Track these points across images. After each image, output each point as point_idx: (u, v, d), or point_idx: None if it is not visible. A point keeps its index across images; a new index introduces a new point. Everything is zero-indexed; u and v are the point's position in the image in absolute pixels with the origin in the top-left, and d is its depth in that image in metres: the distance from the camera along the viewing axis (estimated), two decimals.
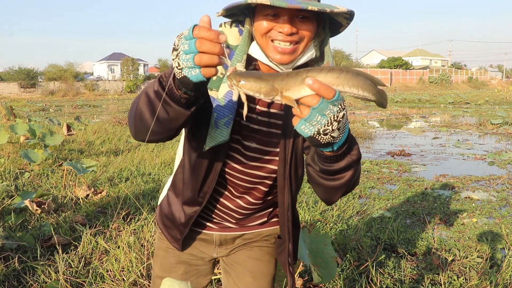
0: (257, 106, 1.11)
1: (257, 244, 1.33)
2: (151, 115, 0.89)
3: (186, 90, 0.84)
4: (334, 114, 0.79)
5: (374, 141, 9.62)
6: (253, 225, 1.31)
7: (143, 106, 0.91)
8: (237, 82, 0.81)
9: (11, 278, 2.64)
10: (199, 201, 1.20)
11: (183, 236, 1.26)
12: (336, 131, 0.82)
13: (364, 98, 0.84)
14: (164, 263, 1.35)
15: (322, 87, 0.77)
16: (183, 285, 1.08)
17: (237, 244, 1.33)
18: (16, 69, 44.04)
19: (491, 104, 22.45)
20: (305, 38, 1.00)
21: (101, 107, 23.65)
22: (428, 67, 68.78)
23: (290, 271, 1.24)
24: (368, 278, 2.72)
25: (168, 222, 1.30)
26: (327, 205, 1.20)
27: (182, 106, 0.86)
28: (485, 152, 7.95)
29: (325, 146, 0.86)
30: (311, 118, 0.79)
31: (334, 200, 1.05)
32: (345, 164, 0.92)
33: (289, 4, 0.88)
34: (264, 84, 0.80)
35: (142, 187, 4.84)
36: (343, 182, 0.96)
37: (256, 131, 1.12)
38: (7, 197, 4.21)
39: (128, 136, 9.66)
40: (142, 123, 0.92)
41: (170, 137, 0.97)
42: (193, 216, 1.22)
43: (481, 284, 2.64)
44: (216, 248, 1.32)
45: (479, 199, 4.77)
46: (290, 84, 0.80)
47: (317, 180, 1.00)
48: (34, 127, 7.07)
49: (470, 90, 49.20)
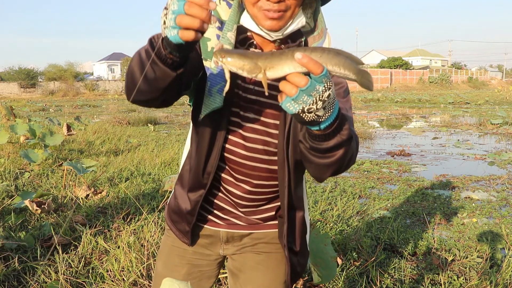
0: None
1: (265, 250, 1.29)
2: (140, 74, 0.93)
3: (171, 50, 0.86)
4: (319, 94, 0.82)
5: (374, 141, 9.62)
6: (260, 221, 1.27)
7: (134, 65, 0.95)
8: (222, 58, 0.84)
9: (11, 278, 2.65)
10: (204, 183, 1.19)
11: (191, 226, 1.24)
12: (321, 110, 0.85)
13: (346, 77, 0.86)
14: (167, 262, 1.34)
15: (311, 62, 0.80)
16: (183, 285, 1.08)
17: (244, 243, 1.29)
18: (16, 69, 44.07)
19: (491, 104, 22.45)
20: (292, 6, 1.03)
21: (101, 107, 23.65)
22: (428, 67, 68.77)
23: (286, 255, 1.23)
24: (368, 278, 2.72)
25: (175, 216, 1.29)
26: (318, 182, 1.20)
27: (168, 66, 0.89)
28: (485, 152, 7.95)
29: (311, 124, 0.89)
30: (298, 98, 0.82)
31: (324, 177, 1.07)
32: (335, 143, 0.94)
33: None
34: (248, 62, 0.83)
35: (142, 187, 4.84)
36: (333, 160, 0.98)
37: (254, 101, 1.13)
38: (7, 197, 4.21)
39: (128, 136, 9.66)
40: (133, 81, 0.96)
41: (157, 101, 1.00)
42: (198, 201, 1.21)
43: (481, 284, 2.64)
44: (223, 245, 1.29)
45: (479, 199, 4.77)
46: (273, 63, 0.83)
47: (307, 157, 1.01)
48: (34, 127, 7.07)
49: (470, 90, 49.20)
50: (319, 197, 4.54)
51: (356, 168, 6.40)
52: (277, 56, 0.83)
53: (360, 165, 6.60)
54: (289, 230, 1.23)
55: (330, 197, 4.66)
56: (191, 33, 0.80)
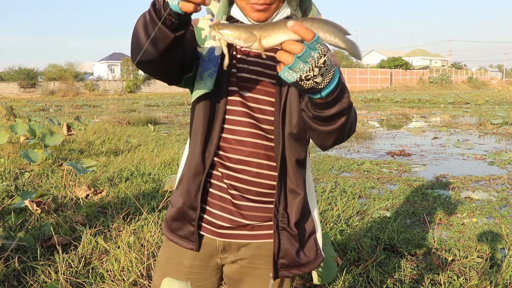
0: (247, 57, 1.17)
1: (263, 265, 1.23)
2: (144, 34, 0.96)
3: (170, 13, 0.90)
4: (315, 60, 0.85)
5: (374, 141, 9.62)
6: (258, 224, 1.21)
7: (139, 26, 0.98)
8: (218, 29, 0.89)
9: (11, 278, 2.64)
10: (203, 169, 1.17)
11: (195, 224, 1.20)
12: (319, 77, 0.88)
13: (336, 45, 0.91)
14: (163, 274, 1.28)
15: (302, 28, 0.84)
16: (183, 285, 1.08)
17: (242, 255, 1.24)
18: (16, 69, 44.08)
19: (491, 104, 22.45)
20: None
21: (101, 107, 23.65)
22: (428, 67, 68.77)
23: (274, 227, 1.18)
24: (368, 278, 2.72)
25: (176, 223, 1.24)
26: (322, 150, 1.19)
27: (167, 27, 0.92)
28: (485, 152, 7.95)
29: (311, 92, 0.92)
30: (295, 66, 0.85)
31: (328, 144, 1.10)
32: (336, 110, 0.97)
33: None
34: (244, 30, 0.88)
35: (142, 187, 4.84)
36: (336, 127, 1.01)
37: (248, 80, 1.16)
38: (7, 197, 4.21)
39: (128, 136, 9.66)
40: (137, 41, 0.99)
41: (160, 65, 1.03)
42: (199, 190, 1.18)
43: (481, 284, 2.64)
44: (220, 254, 1.25)
45: (479, 199, 4.77)
46: (268, 31, 0.88)
47: (310, 125, 1.05)
48: (34, 127, 7.06)
49: (470, 90, 49.20)
50: (319, 197, 4.54)
51: (356, 168, 6.40)
52: (271, 25, 0.88)
53: (360, 165, 6.60)
54: (284, 208, 1.18)
55: (330, 197, 4.66)
56: (191, 5, 0.85)
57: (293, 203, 1.19)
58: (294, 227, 1.19)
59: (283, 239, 1.18)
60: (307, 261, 1.23)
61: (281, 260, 1.19)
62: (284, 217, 1.19)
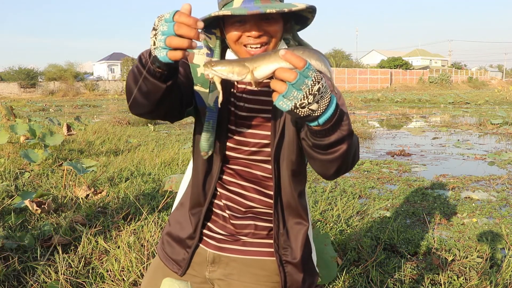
0: (243, 94, 1.17)
1: (253, 281, 1.22)
2: (136, 90, 0.98)
3: (158, 65, 0.90)
4: (309, 88, 0.85)
5: (374, 141, 9.62)
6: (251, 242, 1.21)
7: (130, 81, 1.00)
8: (211, 67, 0.90)
9: (11, 278, 2.64)
10: (203, 200, 1.21)
11: (190, 252, 1.23)
12: (314, 104, 0.87)
13: (325, 73, 0.95)
14: (150, 281, 1.31)
15: (293, 56, 0.84)
16: (183, 285, 1.08)
17: (231, 271, 1.22)
18: (16, 69, 44.07)
19: (491, 104, 22.45)
20: (274, 37, 1.08)
21: (101, 107, 23.65)
22: (428, 67, 68.77)
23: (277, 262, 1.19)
24: (368, 278, 2.72)
25: (170, 247, 1.27)
26: (325, 180, 1.23)
27: (158, 79, 0.93)
28: (485, 152, 7.95)
29: (309, 120, 0.91)
30: (289, 94, 0.85)
31: (330, 173, 1.07)
32: (336, 138, 0.95)
33: (249, 11, 0.97)
34: (236, 64, 0.89)
35: (142, 187, 4.84)
36: (337, 155, 0.99)
37: (246, 117, 1.16)
38: (7, 197, 4.21)
39: (128, 136, 9.67)
40: (131, 97, 1.02)
41: (158, 113, 1.05)
42: (199, 220, 1.22)
43: (481, 284, 2.64)
44: (209, 267, 1.23)
45: (479, 199, 4.77)
46: (259, 62, 0.89)
47: (311, 154, 1.03)
48: (34, 127, 7.07)
49: (470, 90, 49.19)
50: (319, 197, 4.54)
51: (356, 168, 6.39)
52: (261, 56, 0.90)
53: (360, 165, 6.60)
54: (284, 239, 1.19)
55: (330, 197, 4.66)
56: (179, 52, 0.85)
57: (297, 235, 1.21)
58: (299, 255, 1.21)
59: (288, 271, 1.21)
60: (309, 284, 1.26)
61: None
62: (287, 250, 1.20)
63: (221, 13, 0.99)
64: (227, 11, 0.98)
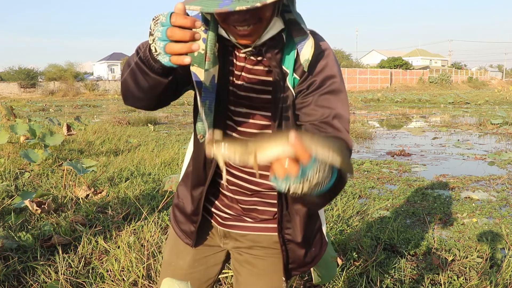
0: (243, 73, 1.13)
1: (261, 254, 1.28)
2: (134, 85, 0.98)
3: (161, 65, 0.89)
4: (308, 178, 0.80)
5: (374, 141, 9.61)
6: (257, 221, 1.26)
7: (127, 76, 0.99)
8: (214, 148, 0.88)
9: (11, 278, 2.64)
10: (204, 180, 1.22)
11: (196, 226, 1.27)
12: (307, 191, 0.83)
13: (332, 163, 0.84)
14: (173, 248, 1.37)
15: (300, 148, 0.77)
16: (183, 285, 1.09)
17: (240, 244, 1.29)
18: (16, 69, 44.07)
19: (491, 104, 22.45)
20: (263, 18, 1.00)
21: (101, 107, 23.64)
22: (428, 67, 68.77)
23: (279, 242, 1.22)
24: (368, 278, 2.72)
25: (181, 216, 1.33)
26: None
27: (159, 75, 0.92)
28: (485, 152, 7.95)
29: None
30: (286, 181, 0.81)
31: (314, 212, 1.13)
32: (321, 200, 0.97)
33: (216, 8, 0.85)
34: (239, 146, 0.85)
35: (142, 187, 4.84)
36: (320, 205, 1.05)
37: (244, 97, 1.14)
38: (7, 197, 4.21)
39: (128, 136, 9.66)
40: (129, 91, 1.01)
41: (157, 104, 1.07)
42: (200, 199, 1.24)
43: (481, 284, 2.64)
44: (222, 240, 1.32)
45: (479, 199, 4.77)
46: (263, 146, 0.83)
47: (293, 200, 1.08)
48: (34, 127, 7.06)
49: (470, 90, 49.19)
50: None
51: (356, 168, 6.40)
52: (266, 139, 0.83)
53: (360, 165, 6.60)
54: (287, 219, 1.21)
55: None
56: (181, 58, 0.82)
57: (302, 216, 1.21)
58: (300, 236, 1.22)
59: (290, 249, 1.24)
60: (314, 256, 1.30)
61: (291, 265, 1.26)
62: (289, 230, 1.22)
63: (191, 8, 0.85)
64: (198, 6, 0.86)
